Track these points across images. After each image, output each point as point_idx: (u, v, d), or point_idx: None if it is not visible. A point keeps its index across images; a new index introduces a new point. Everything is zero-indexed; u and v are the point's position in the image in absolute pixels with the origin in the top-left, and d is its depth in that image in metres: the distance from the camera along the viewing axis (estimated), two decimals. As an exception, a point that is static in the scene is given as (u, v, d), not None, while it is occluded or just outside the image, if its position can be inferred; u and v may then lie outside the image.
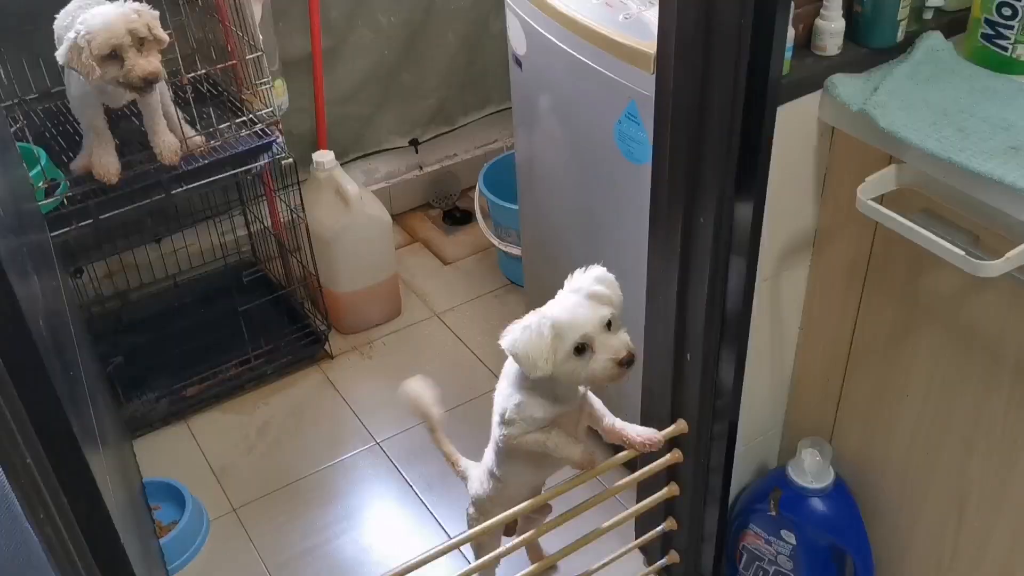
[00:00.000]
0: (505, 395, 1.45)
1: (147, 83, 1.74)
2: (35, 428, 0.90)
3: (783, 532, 1.61)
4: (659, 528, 1.74)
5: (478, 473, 1.62)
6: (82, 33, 1.68)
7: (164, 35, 1.76)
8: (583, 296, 1.30)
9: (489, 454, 1.56)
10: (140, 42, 1.72)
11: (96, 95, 1.87)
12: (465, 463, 1.67)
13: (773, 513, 1.61)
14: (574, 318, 1.28)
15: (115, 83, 1.74)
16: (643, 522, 1.79)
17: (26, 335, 0.88)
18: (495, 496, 1.57)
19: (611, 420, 1.48)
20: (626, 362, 1.27)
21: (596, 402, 1.48)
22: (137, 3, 1.77)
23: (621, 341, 1.28)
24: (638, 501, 1.72)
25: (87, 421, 1.20)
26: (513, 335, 1.33)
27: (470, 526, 1.62)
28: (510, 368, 1.44)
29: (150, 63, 1.72)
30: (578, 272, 1.35)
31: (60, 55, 1.73)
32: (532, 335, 1.30)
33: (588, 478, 1.50)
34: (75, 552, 0.97)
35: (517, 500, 1.54)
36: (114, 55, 1.71)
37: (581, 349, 1.28)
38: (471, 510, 1.63)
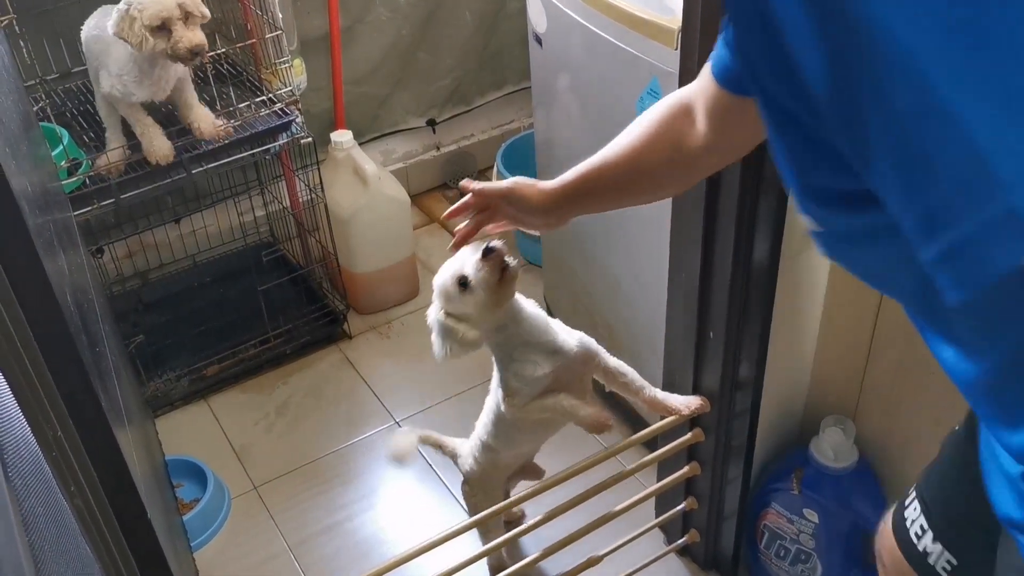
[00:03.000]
0: (500, 372, 1.48)
1: (193, 55, 1.80)
2: (64, 401, 0.90)
3: (805, 511, 1.61)
4: (679, 507, 1.74)
5: (468, 449, 1.64)
6: (134, 5, 1.74)
7: (206, 10, 1.82)
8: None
9: (481, 427, 1.59)
10: (186, 16, 1.77)
11: (140, 89, 1.89)
12: (453, 442, 1.70)
13: (795, 492, 1.60)
14: (441, 273, 1.34)
15: (163, 54, 1.80)
16: (663, 501, 1.79)
17: (55, 309, 0.89)
18: (489, 467, 1.60)
19: (651, 391, 1.49)
20: (487, 251, 1.30)
21: (631, 373, 1.48)
22: None
23: (476, 246, 1.32)
24: (658, 480, 1.72)
25: (113, 396, 1.21)
26: (435, 349, 1.41)
27: (467, 502, 1.68)
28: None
29: (196, 35, 1.79)
30: None
31: (111, 25, 1.78)
32: (440, 329, 1.37)
33: (611, 453, 1.50)
34: (104, 523, 0.97)
35: (511, 467, 1.61)
36: (162, 27, 1.76)
37: (463, 284, 1.31)
38: (466, 487, 1.67)
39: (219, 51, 2.18)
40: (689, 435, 1.61)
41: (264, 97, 2.10)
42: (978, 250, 0.45)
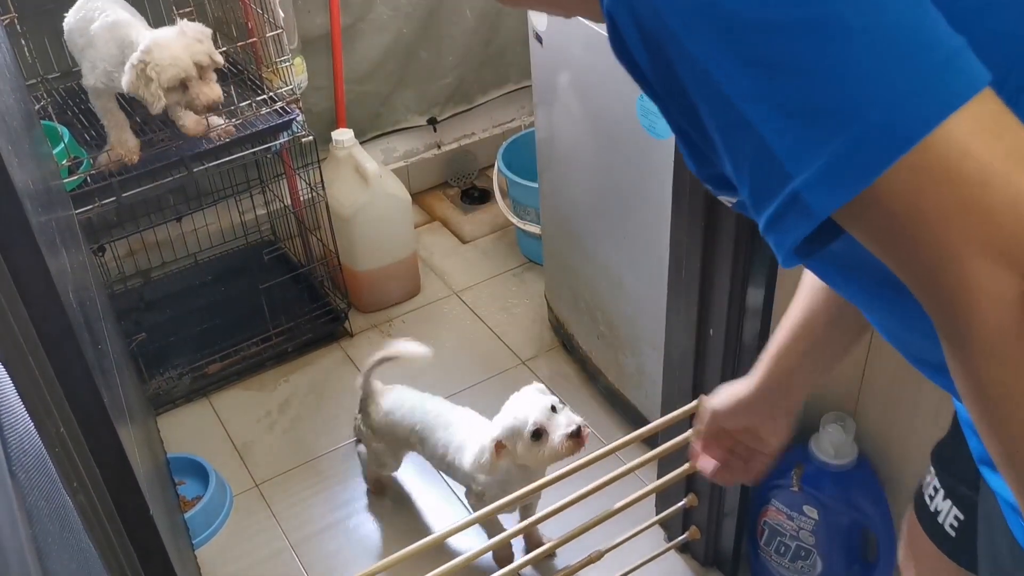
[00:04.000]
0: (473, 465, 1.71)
1: (208, 110, 1.81)
2: (67, 398, 0.91)
3: (805, 508, 1.61)
4: (680, 504, 1.75)
5: (390, 403, 1.88)
6: (151, 65, 1.72)
7: (220, 58, 1.82)
8: (531, 392, 1.61)
9: (419, 412, 1.84)
10: (200, 68, 1.77)
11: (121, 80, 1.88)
12: (375, 385, 1.91)
13: (795, 489, 1.61)
14: (519, 412, 1.57)
15: (176, 104, 1.81)
16: (663, 498, 1.80)
17: (58, 307, 0.89)
18: (389, 432, 1.89)
19: None
20: (576, 433, 1.55)
21: None
22: (194, 25, 1.81)
23: (568, 418, 1.56)
24: (659, 477, 1.73)
25: (115, 393, 1.21)
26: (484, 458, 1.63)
27: (361, 438, 1.95)
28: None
29: (212, 90, 1.79)
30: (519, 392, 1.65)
31: (125, 83, 1.76)
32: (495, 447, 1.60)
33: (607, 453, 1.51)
34: (106, 519, 0.98)
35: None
36: (179, 84, 1.76)
37: (538, 435, 1.55)
38: (368, 432, 1.92)
39: (220, 50, 2.18)
40: (690, 432, 1.61)
41: (265, 96, 2.10)
42: (779, 226, 0.58)
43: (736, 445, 1.12)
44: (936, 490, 1.07)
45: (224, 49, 2.19)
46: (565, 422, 1.55)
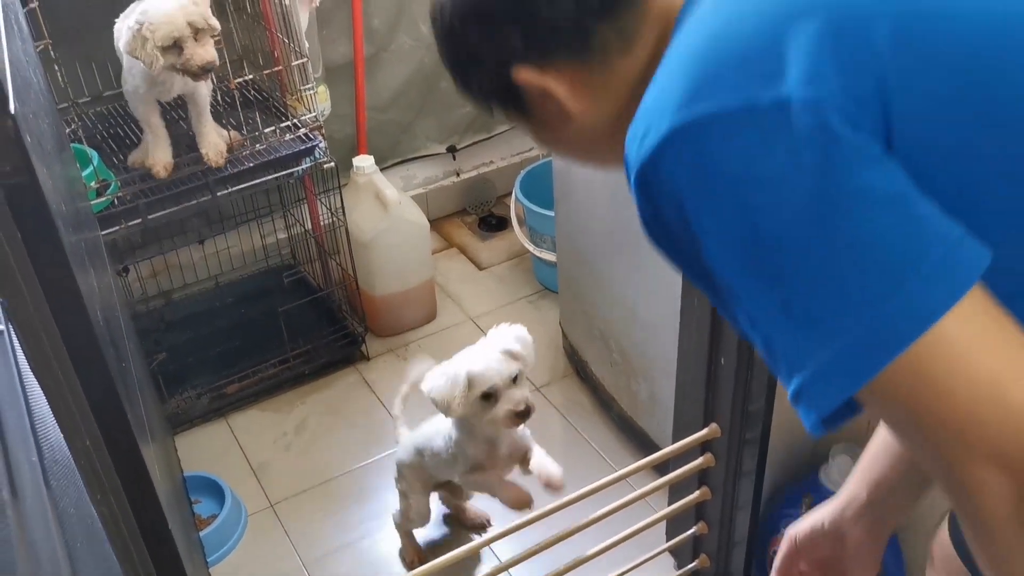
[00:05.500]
0: (444, 430, 1.71)
1: (204, 71, 1.83)
2: (94, 414, 0.94)
3: (814, 538, 1.61)
4: (690, 531, 1.75)
5: (406, 443, 1.86)
6: (145, 25, 1.76)
7: (216, 23, 1.85)
8: (499, 351, 1.52)
9: (418, 438, 1.81)
10: (196, 31, 1.80)
11: (147, 88, 1.93)
12: (403, 428, 1.91)
13: (804, 518, 1.61)
14: (486, 370, 1.50)
15: (172, 69, 1.83)
16: (673, 525, 1.80)
17: (88, 326, 0.92)
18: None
19: (536, 460, 1.65)
20: (523, 414, 1.50)
21: (538, 456, 1.66)
22: None
23: (522, 395, 1.50)
24: (669, 504, 1.74)
25: (138, 411, 1.24)
26: (433, 381, 1.55)
27: (398, 485, 1.90)
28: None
29: (207, 52, 1.81)
30: (503, 326, 1.58)
31: (123, 44, 1.81)
32: (448, 382, 1.52)
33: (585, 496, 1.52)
34: (127, 533, 1.01)
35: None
36: (173, 45, 1.79)
37: (488, 396, 1.50)
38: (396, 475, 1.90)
39: (247, 77, 2.24)
40: (700, 460, 1.63)
41: (289, 122, 2.15)
42: (797, 407, 0.62)
43: None
44: None
45: (251, 76, 2.25)
46: (518, 397, 1.51)
